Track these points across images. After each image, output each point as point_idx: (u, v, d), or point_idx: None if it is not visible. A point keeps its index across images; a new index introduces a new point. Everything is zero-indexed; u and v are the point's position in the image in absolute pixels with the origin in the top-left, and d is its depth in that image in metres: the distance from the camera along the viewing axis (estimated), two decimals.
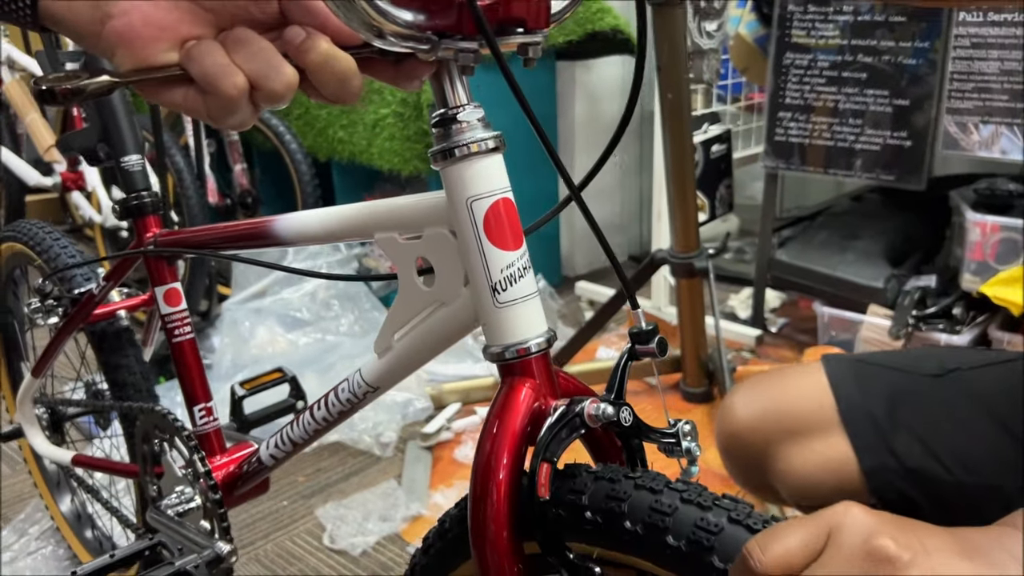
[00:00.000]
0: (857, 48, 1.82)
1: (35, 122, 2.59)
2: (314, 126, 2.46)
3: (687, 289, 1.78)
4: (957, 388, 0.85)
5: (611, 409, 0.56)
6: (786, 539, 0.42)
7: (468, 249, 0.57)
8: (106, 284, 1.04)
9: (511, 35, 0.52)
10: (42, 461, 1.45)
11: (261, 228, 0.78)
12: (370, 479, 1.66)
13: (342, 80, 0.48)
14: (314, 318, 2.04)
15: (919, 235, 2.09)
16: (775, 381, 0.92)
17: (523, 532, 0.56)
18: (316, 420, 0.79)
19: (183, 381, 0.98)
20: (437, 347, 0.67)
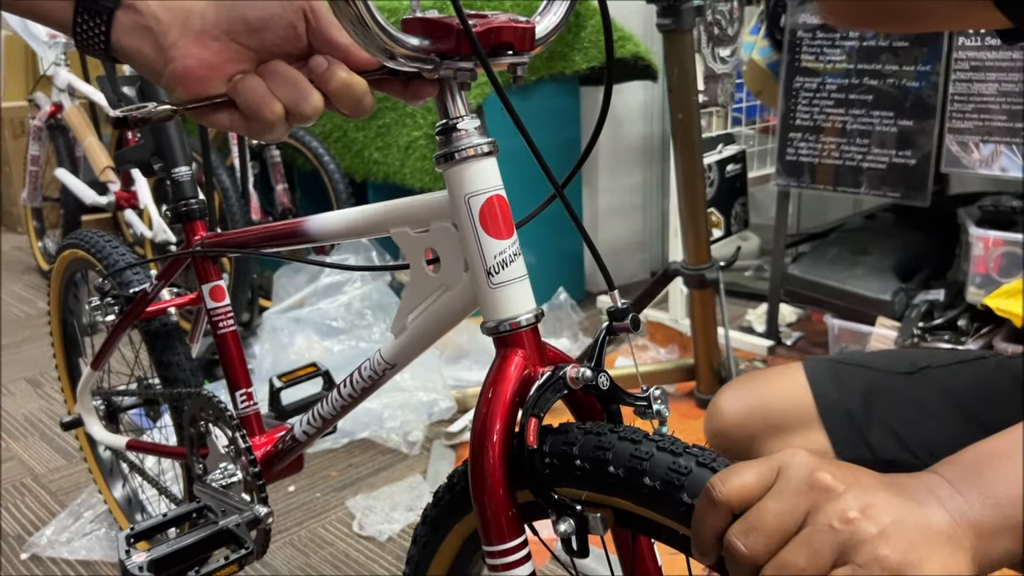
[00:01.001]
0: (863, 72, 1.91)
1: (92, 145, 2.77)
2: (351, 148, 2.60)
3: (699, 300, 1.87)
4: (928, 384, 0.91)
5: (590, 373, 0.66)
6: (743, 475, 0.49)
7: (467, 239, 0.67)
8: (158, 283, 1.17)
9: (502, 57, 0.64)
10: (97, 450, 1.57)
11: (295, 227, 0.89)
12: (398, 474, 1.77)
13: (357, 100, 0.58)
14: (348, 327, 2.16)
15: (929, 251, 2.16)
16: (760, 381, 0.99)
17: (516, 482, 0.66)
18: (343, 397, 0.90)
19: (226, 368, 1.09)
20: (444, 326, 0.77)
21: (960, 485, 0.49)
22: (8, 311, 2.95)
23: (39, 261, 3.29)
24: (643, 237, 2.97)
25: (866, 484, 0.47)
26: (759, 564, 0.47)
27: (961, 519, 0.47)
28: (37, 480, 1.85)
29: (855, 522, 0.45)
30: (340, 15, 0.56)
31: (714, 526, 0.50)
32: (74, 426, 1.42)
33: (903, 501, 0.47)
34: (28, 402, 2.24)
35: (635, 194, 2.90)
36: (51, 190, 3.19)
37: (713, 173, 2.14)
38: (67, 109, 2.88)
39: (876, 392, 0.92)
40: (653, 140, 2.86)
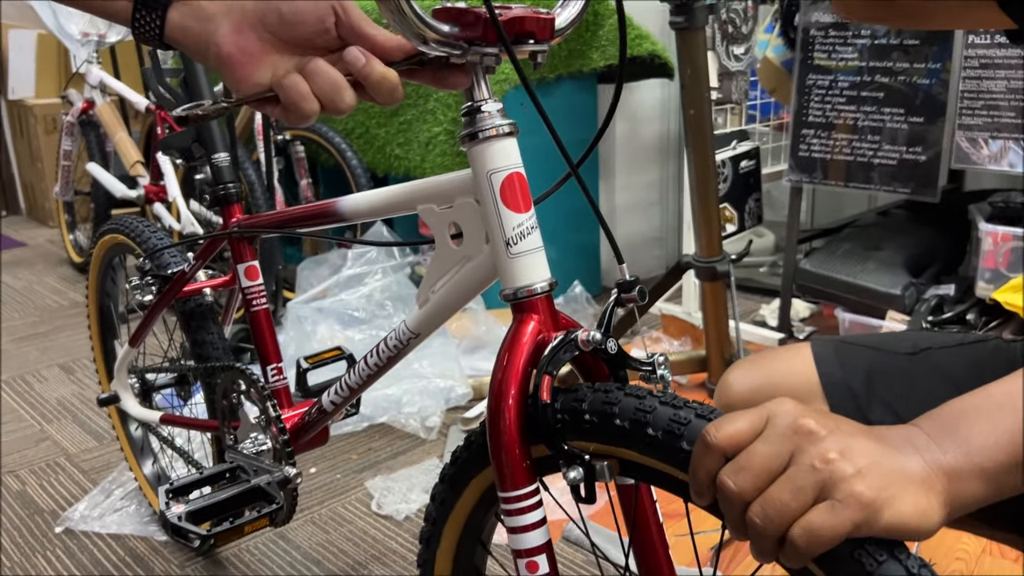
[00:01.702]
0: (874, 69, 1.95)
1: (123, 140, 2.86)
2: (373, 144, 2.66)
3: (711, 292, 1.92)
4: (928, 365, 0.95)
5: (599, 336, 0.72)
6: (735, 422, 0.54)
7: (488, 212, 0.73)
8: (195, 264, 1.23)
9: (524, 44, 0.70)
10: (128, 428, 1.64)
11: (326, 208, 0.95)
12: (415, 458, 1.83)
13: (392, 90, 0.65)
14: (369, 317, 2.22)
15: (940, 247, 2.19)
16: (767, 360, 1.03)
17: (531, 436, 0.72)
18: (368, 366, 0.96)
19: (258, 343, 1.16)
20: (466, 296, 0.82)
21: (937, 436, 0.53)
22: (42, 301, 3.04)
23: (70, 254, 3.38)
24: (660, 233, 3.02)
25: (847, 430, 0.52)
26: (747, 500, 0.52)
27: (935, 466, 0.51)
28: (70, 459, 1.92)
29: (834, 462, 0.49)
30: (382, 4, 0.62)
31: (709, 468, 0.54)
32: (110, 402, 1.49)
33: (880, 446, 0.51)
34: (61, 387, 2.32)
35: (652, 191, 2.95)
36: (82, 184, 3.28)
37: (727, 169, 2.18)
38: (99, 105, 2.97)
39: (878, 371, 0.95)
40: (670, 137, 2.91)
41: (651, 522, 0.79)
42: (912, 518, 0.50)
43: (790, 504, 0.50)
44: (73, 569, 1.52)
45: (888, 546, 0.51)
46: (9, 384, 2.35)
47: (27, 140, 3.96)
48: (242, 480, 0.95)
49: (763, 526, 0.51)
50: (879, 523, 0.49)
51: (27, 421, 2.12)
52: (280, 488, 0.96)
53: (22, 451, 1.97)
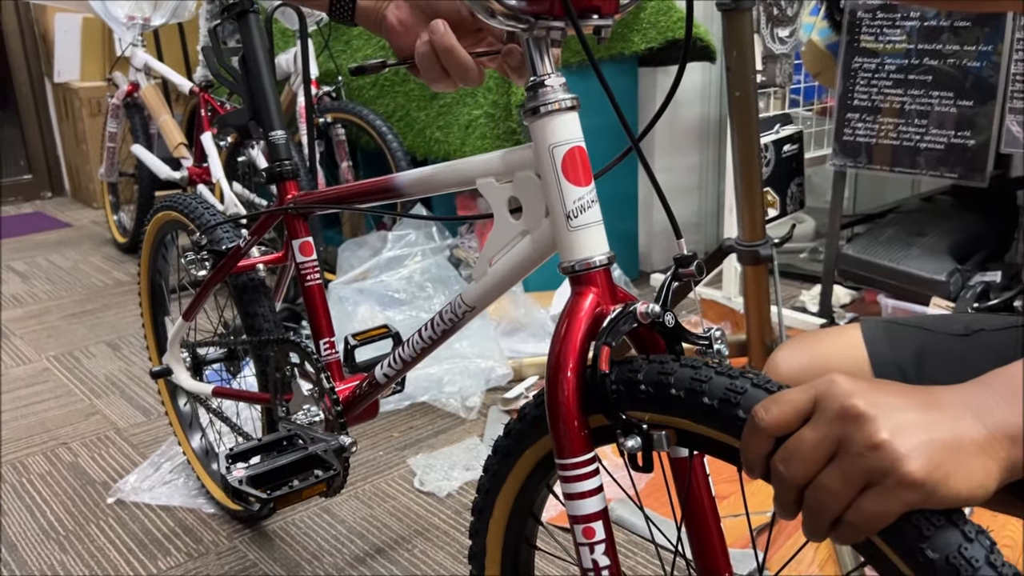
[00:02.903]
0: (923, 52, 1.93)
1: (167, 123, 2.90)
2: (413, 127, 2.68)
3: (752, 276, 1.91)
4: (980, 346, 0.94)
5: (658, 309, 0.72)
6: (784, 404, 0.54)
7: (549, 185, 0.74)
8: (250, 240, 1.26)
9: (589, 19, 0.70)
10: (177, 402, 1.68)
11: (385, 183, 0.97)
12: (456, 436, 1.85)
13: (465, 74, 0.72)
14: (409, 298, 2.25)
15: (986, 234, 2.17)
16: (816, 339, 1.03)
17: (589, 408, 0.73)
18: (424, 339, 0.97)
19: (311, 318, 1.18)
20: (523, 270, 0.83)
21: (1003, 394, 0.51)
22: (88, 280, 3.11)
23: (114, 234, 3.45)
24: (698, 218, 3.01)
25: (898, 405, 0.50)
26: (799, 486, 0.52)
27: (997, 429, 0.50)
28: (120, 433, 1.97)
29: (883, 446, 0.48)
30: None
31: (759, 450, 0.55)
32: (163, 376, 1.52)
33: (934, 416, 0.50)
34: (108, 363, 2.38)
35: (691, 175, 2.94)
36: (126, 166, 3.34)
37: (770, 153, 2.17)
38: (143, 88, 3.02)
39: (929, 352, 0.95)
40: (710, 121, 2.89)
41: (704, 497, 0.79)
42: (967, 490, 0.49)
43: (841, 492, 0.50)
44: (126, 538, 1.56)
45: (946, 512, 0.51)
46: (59, 359, 2.41)
47: (72, 122, 4.04)
48: (300, 447, 0.98)
49: (815, 511, 0.51)
50: (934, 500, 0.49)
51: (77, 396, 2.18)
52: (336, 456, 0.98)
53: (74, 424, 2.02)
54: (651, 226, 2.87)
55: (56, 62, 3.90)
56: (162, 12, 2.98)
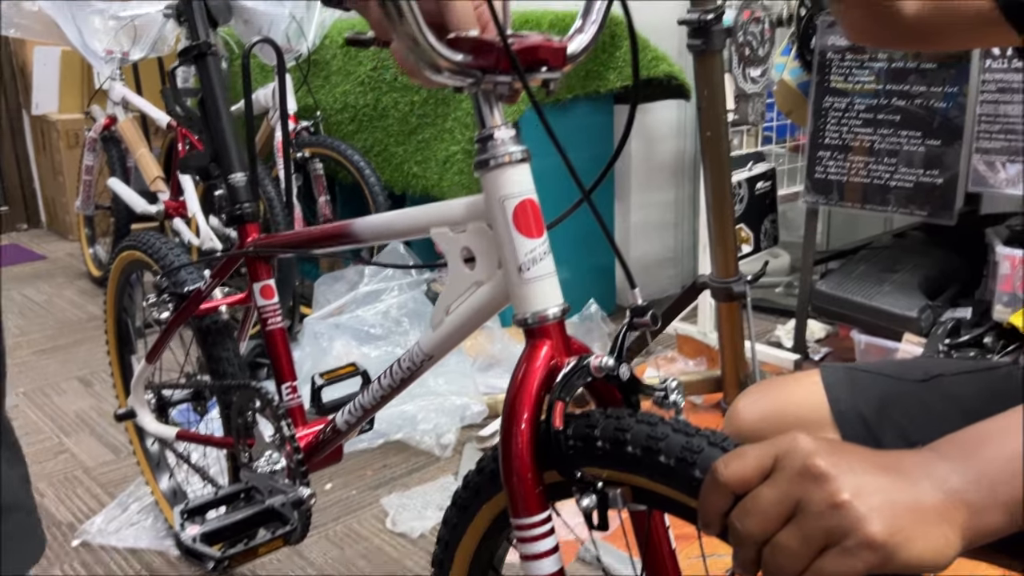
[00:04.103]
0: (891, 92, 1.95)
1: (144, 156, 2.89)
2: (391, 162, 2.68)
3: (727, 313, 1.91)
4: (940, 392, 0.94)
5: (612, 362, 0.72)
6: (744, 460, 0.53)
7: (501, 237, 0.74)
8: (212, 281, 1.25)
9: (537, 72, 0.71)
10: (145, 443, 1.66)
11: (342, 229, 0.96)
12: (430, 475, 1.83)
13: None
14: (385, 333, 2.24)
15: (956, 270, 2.18)
16: (777, 386, 1.02)
17: (544, 464, 0.72)
18: (382, 387, 0.97)
19: (274, 362, 1.17)
20: (479, 319, 0.83)
21: (958, 463, 0.51)
22: (62, 314, 3.08)
23: (90, 267, 3.42)
24: (674, 253, 3.02)
25: (859, 467, 0.50)
26: (757, 543, 0.51)
27: (954, 496, 0.49)
28: (87, 473, 1.94)
29: (845, 506, 0.48)
30: (397, 34, 0.64)
31: (717, 506, 0.54)
32: (127, 418, 1.50)
33: (894, 481, 0.50)
34: (79, 400, 2.35)
35: (667, 211, 2.95)
36: (103, 199, 3.32)
37: (743, 190, 2.18)
38: (121, 121, 3.01)
39: (890, 398, 0.94)
40: (685, 158, 2.91)
41: (663, 548, 0.79)
42: (928, 554, 0.48)
43: (800, 551, 0.49)
44: None
45: None
46: (29, 396, 2.38)
47: (49, 154, 4.02)
48: (257, 501, 0.96)
49: (774, 571, 0.50)
50: (894, 564, 0.48)
51: (46, 433, 2.15)
52: (294, 509, 0.97)
53: (41, 463, 1.99)
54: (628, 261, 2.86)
55: (34, 94, 3.89)
56: (141, 46, 2.98)
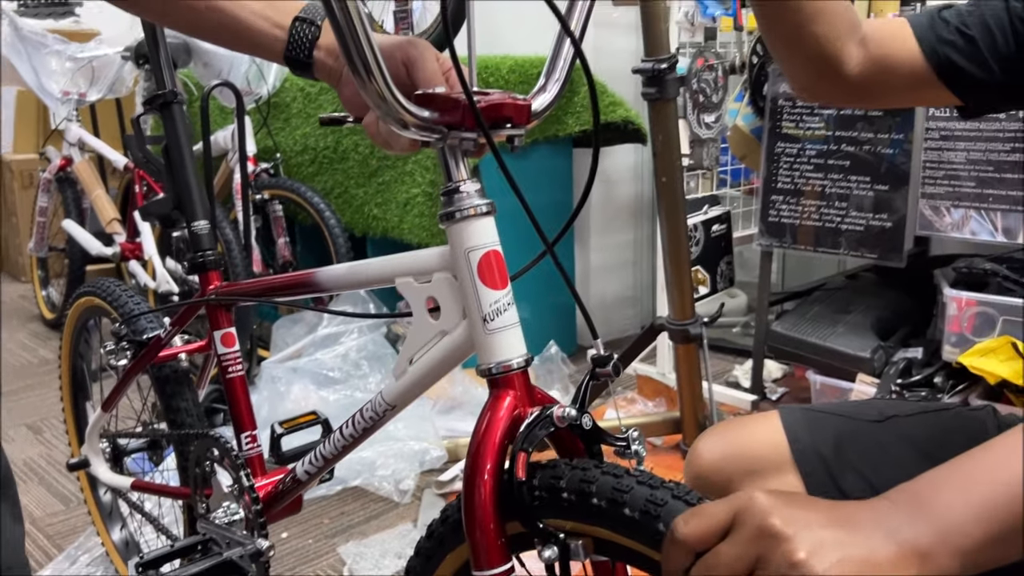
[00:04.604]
0: (841, 139, 2.02)
1: (100, 198, 2.86)
2: (352, 204, 2.68)
3: (684, 354, 1.94)
4: (895, 432, 0.97)
5: (574, 412, 0.73)
6: (703, 518, 0.54)
7: (466, 288, 0.74)
8: (171, 329, 1.23)
9: (501, 129, 0.72)
10: (97, 492, 1.62)
11: (304, 278, 0.96)
12: (389, 522, 1.81)
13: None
14: (345, 377, 2.22)
15: (907, 310, 2.24)
16: (737, 428, 1.04)
17: (506, 515, 0.72)
18: (344, 437, 0.96)
19: (233, 411, 1.15)
20: (442, 370, 0.83)
21: (910, 512, 0.53)
22: (12, 359, 3.00)
23: (43, 310, 3.35)
24: (634, 293, 3.05)
25: (814, 523, 0.52)
26: None
27: (907, 547, 0.51)
28: (35, 524, 1.88)
29: (801, 564, 0.49)
30: (364, 91, 0.65)
31: (678, 563, 0.55)
32: (81, 467, 1.47)
33: (849, 534, 0.51)
34: (29, 448, 2.28)
35: (626, 251, 2.99)
36: (57, 240, 3.27)
37: (699, 233, 2.23)
38: (76, 163, 2.98)
39: (847, 439, 0.97)
40: (643, 200, 2.96)
41: None
42: None
43: None
44: None
45: None
46: None
47: (2, 195, 3.95)
48: (214, 553, 0.95)
49: None
50: None
51: None
52: (252, 561, 0.95)
53: None
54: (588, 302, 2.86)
55: None
56: (99, 87, 2.96)
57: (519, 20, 2.39)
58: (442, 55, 0.77)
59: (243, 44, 0.80)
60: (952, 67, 0.92)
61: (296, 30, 0.78)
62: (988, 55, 0.90)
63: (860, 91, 0.96)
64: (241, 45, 0.81)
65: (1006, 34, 0.89)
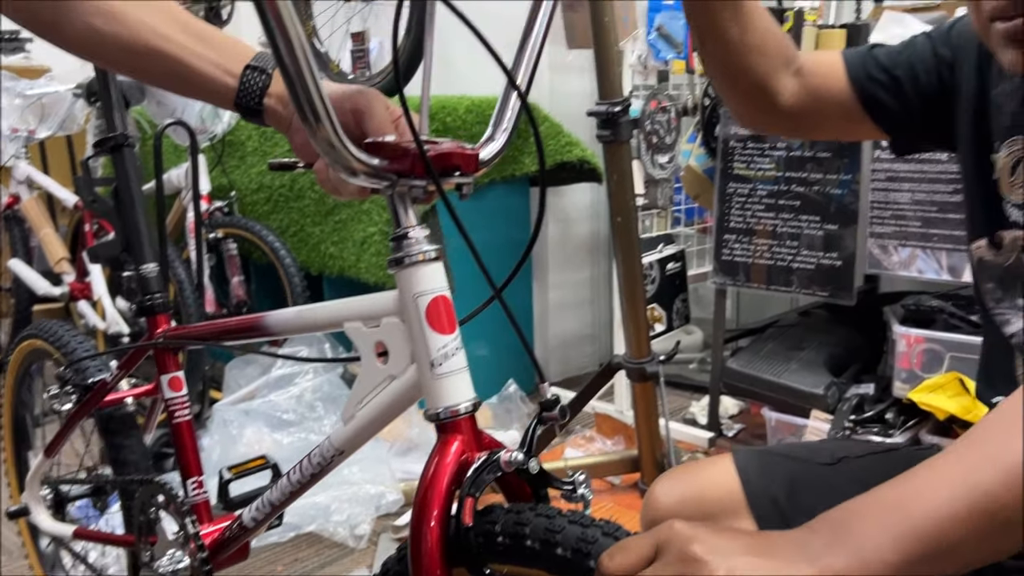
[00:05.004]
0: (791, 179, 2.06)
1: (48, 236, 2.81)
2: (308, 243, 2.67)
3: (641, 393, 1.94)
4: (846, 475, 0.99)
5: (521, 457, 0.72)
6: (627, 551, 0.56)
7: (414, 333, 0.74)
8: (118, 373, 1.21)
9: (450, 177, 0.73)
10: (39, 542, 1.56)
11: (254, 322, 0.95)
12: (344, 568, 1.78)
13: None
14: (299, 419, 2.19)
15: (859, 347, 2.28)
16: (692, 471, 1.06)
17: (453, 560, 0.71)
18: (292, 483, 0.94)
19: (180, 456, 1.13)
20: (391, 414, 0.82)
21: (830, 539, 0.54)
22: None
23: None
24: (592, 330, 3.06)
25: (734, 550, 0.54)
26: None
27: (827, 570, 0.53)
28: None
29: None
30: (313, 138, 0.65)
31: None
32: (21, 515, 1.42)
33: (767, 560, 0.53)
34: None
35: (584, 289, 3.01)
36: (3, 280, 3.19)
37: (655, 271, 2.25)
38: (24, 201, 2.92)
39: (799, 481, 0.99)
40: (600, 237, 2.99)
41: None
42: None
43: None
44: None
45: None
46: None
47: None
48: None
49: None
50: None
51: None
52: None
53: None
54: (546, 339, 2.90)
55: None
56: (48, 124, 2.91)
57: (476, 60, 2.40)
58: (392, 104, 0.77)
59: (193, 90, 0.80)
60: (877, 103, 0.95)
61: (247, 78, 0.78)
62: (911, 95, 0.94)
63: (795, 121, 1.00)
64: (191, 91, 0.81)
65: (930, 77, 0.93)
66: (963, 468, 0.56)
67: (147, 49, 0.77)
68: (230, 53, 0.79)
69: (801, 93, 0.96)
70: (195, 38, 0.78)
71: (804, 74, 0.97)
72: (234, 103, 0.79)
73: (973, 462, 0.56)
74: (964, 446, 0.58)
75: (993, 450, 0.56)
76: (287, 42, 0.62)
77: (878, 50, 0.97)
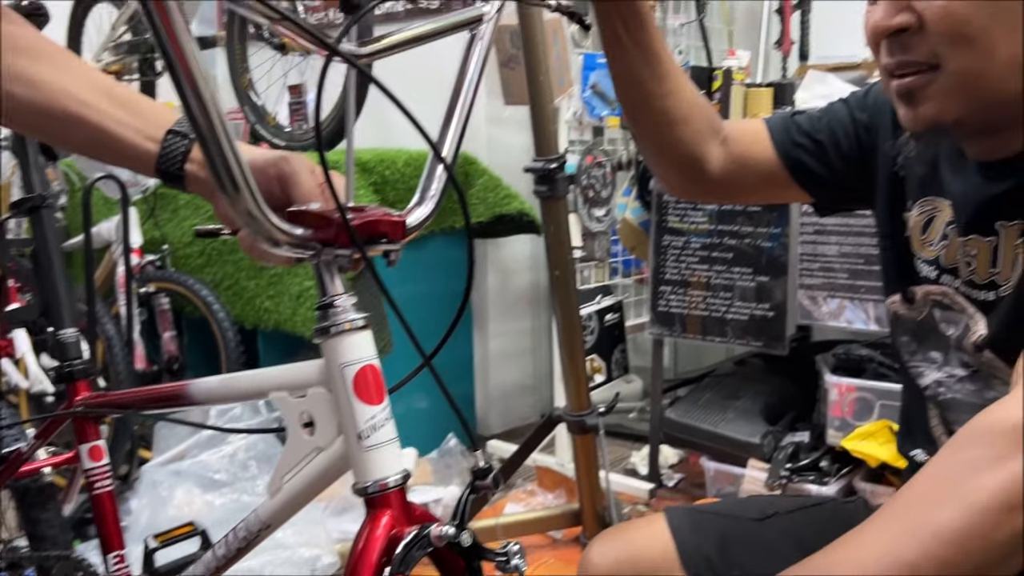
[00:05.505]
0: (723, 232, 2.10)
1: None
2: (242, 296, 2.62)
3: (582, 445, 1.94)
4: (777, 529, 1.01)
5: (453, 531, 0.71)
6: None
7: (341, 404, 0.73)
8: (35, 443, 1.16)
9: (377, 244, 0.72)
10: None
11: (179, 390, 0.92)
12: None
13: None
14: (231, 479, 2.12)
15: (793, 395, 2.31)
16: (626, 532, 1.08)
17: None
18: (217, 557, 0.91)
19: (100, 529, 1.08)
20: (318, 487, 0.80)
21: None
22: None
23: None
24: (534, 380, 3.06)
25: None
26: None
27: None
28: None
29: None
30: (232, 207, 0.64)
31: None
32: None
33: None
34: None
35: (525, 338, 3.01)
36: None
37: (593, 322, 2.27)
38: None
39: (731, 538, 1.00)
40: (540, 288, 3.00)
41: None
42: None
43: None
44: None
45: None
46: None
47: None
48: None
49: None
50: None
51: None
52: None
53: None
54: (487, 389, 2.89)
55: None
56: None
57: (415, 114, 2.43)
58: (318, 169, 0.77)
59: (114, 157, 0.79)
60: (803, 168, 0.99)
61: (168, 143, 0.77)
62: (834, 158, 0.97)
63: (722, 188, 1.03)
64: (112, 158, 0.79)
65: (850, 140, 0.97)
66: (886, 540, 0.57)
67: (65, 115, 0.75)
68: (152, 118, 0.78)
69: (727, 161, 0.99)
70: (116, 104, 0.77)
71: (730, 142, 0.99)
72: (155, 169, 0.77)
73: (894, 534, 0.57)
74: (887, 516, 0.59)
75: (913, 522, 0.57)
76: (203, 109, 0.60)
77: (799, 117, 1.01)
